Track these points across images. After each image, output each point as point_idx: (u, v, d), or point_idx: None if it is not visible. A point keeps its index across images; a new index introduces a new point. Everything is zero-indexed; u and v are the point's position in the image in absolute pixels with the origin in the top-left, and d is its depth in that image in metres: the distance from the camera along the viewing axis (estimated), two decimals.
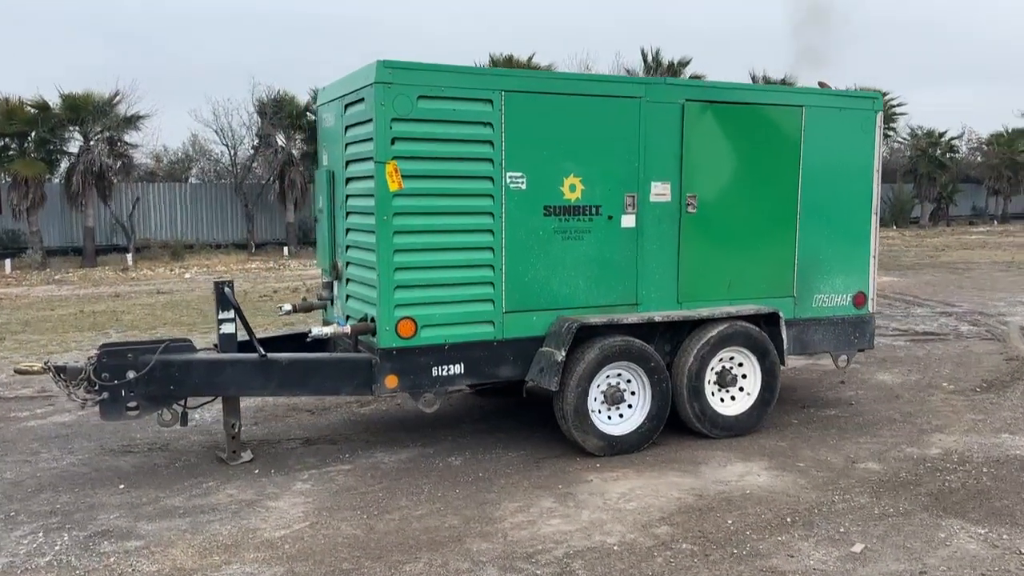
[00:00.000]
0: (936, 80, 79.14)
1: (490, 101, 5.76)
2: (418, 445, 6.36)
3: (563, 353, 5.81)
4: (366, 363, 5.70)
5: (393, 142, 5.53)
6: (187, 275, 20.52)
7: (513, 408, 7.25)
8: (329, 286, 6.70)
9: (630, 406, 6.16)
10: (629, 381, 6.16)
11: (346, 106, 6.12)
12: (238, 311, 5.82)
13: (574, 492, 5.36)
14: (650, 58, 32.16)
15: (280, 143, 27.42)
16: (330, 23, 79.08)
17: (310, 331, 5.69)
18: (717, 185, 6.54)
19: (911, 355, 9.60)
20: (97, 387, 5.49)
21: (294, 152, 27.29)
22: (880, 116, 7.13)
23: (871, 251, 7.21)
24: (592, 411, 6.00)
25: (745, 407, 6.54)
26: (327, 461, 6.02)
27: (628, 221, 6.26)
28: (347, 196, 6.20)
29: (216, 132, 28.12)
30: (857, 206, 7.10)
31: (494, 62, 29.13)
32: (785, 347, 6.65)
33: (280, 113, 26.86)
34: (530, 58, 29.92)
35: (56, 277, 20.15)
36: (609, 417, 6.11)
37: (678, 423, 6.36)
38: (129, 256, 24.07)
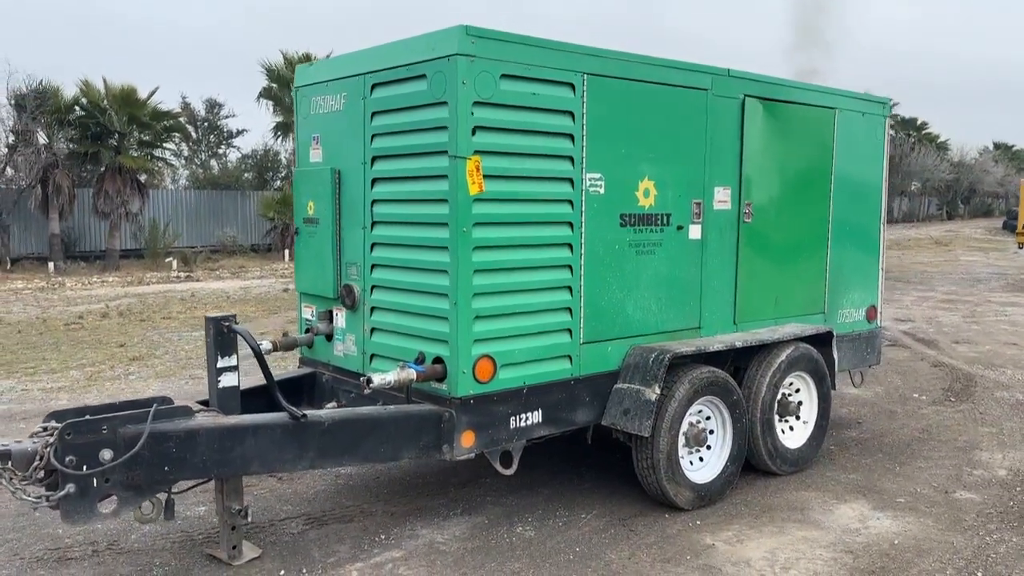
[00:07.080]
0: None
1: (572, 86, 4.67)
2: (459, 513, 5.08)
3: (657, 390, 4.83)
4: (435, 418, 4.38)
5: (474, 132, 4.29)
6: None
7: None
8: (328, 316, 5.22)
9: (709, 447, 5.30)
10: (708, 419, 5.30)
11: (374, 86, 4.74)
12: (258, 355, 4.27)
13: (712, 563, 4.39)
14: None
15: (43, 141, 23.58)
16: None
17: (368, 379, 4.24)
18: (769, 192, 5.86)
19: None
20: (60, 478, 3.75)
21: (59, 153, 23.60)
22: (888, 122, 6.84)
23: (880, 262, 6.89)
24: (682, 457, 5.08)
25: (804, 438, 5.89)
26: (363, 547, 4.59)
27: (695, 232, 5.41)
28: (373, 201, 4.82)
29: None
30: (871, 215, 6.74)
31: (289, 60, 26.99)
32: (836, 369, 6.12)
33: (43, 107, 23.07)
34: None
35: None
36: (691, 463, 5.21)
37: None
38: None
